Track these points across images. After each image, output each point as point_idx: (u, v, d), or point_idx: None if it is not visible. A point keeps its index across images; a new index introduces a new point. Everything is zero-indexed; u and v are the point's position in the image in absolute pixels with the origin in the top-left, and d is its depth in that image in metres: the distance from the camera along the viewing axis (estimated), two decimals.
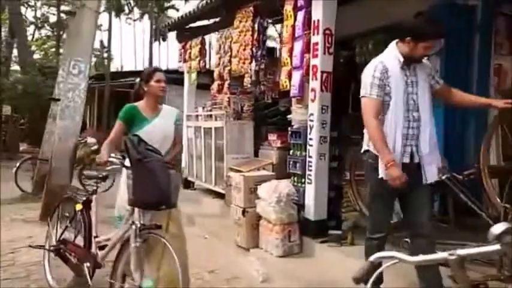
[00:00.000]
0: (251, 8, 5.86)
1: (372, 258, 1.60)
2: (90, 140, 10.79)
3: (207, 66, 7.67)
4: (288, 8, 5.09)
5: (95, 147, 11.04)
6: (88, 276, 3.38)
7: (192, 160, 8.03)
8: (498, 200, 3.43)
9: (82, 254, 3.52)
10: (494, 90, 5.60)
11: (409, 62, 3.02)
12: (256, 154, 6.81)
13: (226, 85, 6.61)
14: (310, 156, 4.80)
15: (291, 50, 5.07)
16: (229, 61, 6.46)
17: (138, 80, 3.63)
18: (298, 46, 4.93)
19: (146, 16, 39.05)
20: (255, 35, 5.84)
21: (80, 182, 9.32)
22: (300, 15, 4.93)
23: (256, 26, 5.83)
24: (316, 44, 4.71)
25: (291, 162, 5.15)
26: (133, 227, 3.01)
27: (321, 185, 4.80)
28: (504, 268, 3.46)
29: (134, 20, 42.58)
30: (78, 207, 3.63)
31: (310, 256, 4.70)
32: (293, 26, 5.04)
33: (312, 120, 4.77)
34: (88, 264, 3.39)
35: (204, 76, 19.31)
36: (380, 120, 2.96)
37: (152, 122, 3.46)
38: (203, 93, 19.86)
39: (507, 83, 5.70)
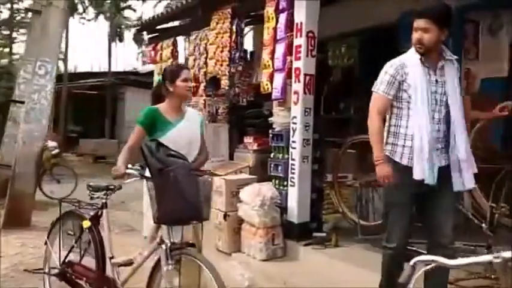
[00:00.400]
0: (229, 10, 5.79)
1: (412, 262, 1.60)
2: (51, 143, 10.35)
3: None
4: (270, 10, 5.07)
5: (56, 151, 10.65)
6: None
7: None
8: (484, 199, 3.53)
9: (95, 277, 3.11)
10: (464, 93, 5.80)
11: (429, 58, 2.88)
12: (231, 157, 6.74)
13: (201, 87, 6.50)
14: (293, 159, 4.80)
15: (272, 53, 5.04)
16: (205, 63, 6.37)
17: (157, 78, 3.37)
18: (281, 48, 4.92)
19: (101, 16, 38.12)
20: (233, 37, 5.77)
21: (39, 187, 8.94)
22: (282, 17, 4.92)
23: (234, 27, 5.76)
24: (299, 46, 4.71)
25: (272, 165, 5.12)
26: (163, 246, 2.65)
27: (304, 188, 4.80)
28: (492, 267, 3.59)
29: (88, 20, 41.47)
30: (86, 224, 3.16)
31: (295, 259, 4.69)
32: (275, 28, 5.02)
33: (295, 123, 4.77)
34: None
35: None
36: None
37: (177, 126, 3.13)
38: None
39: (475, 87, 5.92)
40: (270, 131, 5.19)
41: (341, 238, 4.73)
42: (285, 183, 4.92)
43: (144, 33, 8.76)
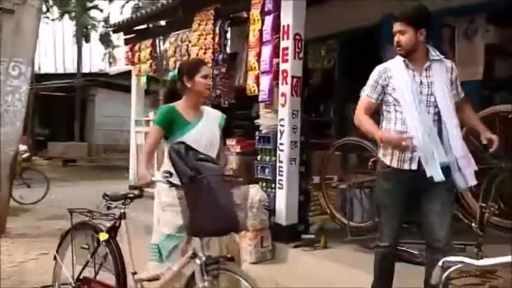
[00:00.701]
0: (211, 11, 5.76)
1: (440, 262, 1.61)
2: (22, 147, 10.02)
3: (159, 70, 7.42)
4: (255, 12, 5.06)
5: (26, 154, 10.34)
6: None
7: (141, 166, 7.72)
8: (473, 199, 3.62)
9: None
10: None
11: (414, 59, 2.86)
12: None
13: None
14: (280, 161, 4.80)
15: (258, 55, 5.04)
16: None
17: (172, 73, 3.13)
18: (267, 51, 4.92)
19: (66, 16, 37.21)
20: (216, 39, 5.74)
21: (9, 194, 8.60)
22: (269, 19, 4.93)
23: (217, 29, 5.73)
24: (286, 48, 4.73)
25: (259, 168, 5.11)
26: (197, 261, 2.41)
27: (292, 190, 4.81)
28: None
29: (53, 20, 40.39)
30: (103, 236, 2.86)
31: (284, 261, 4.69)
32: (260, 31, 5.01)
33: (282, 125, 4.78)
34: None
35: (125, 79, 18.83)
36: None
37: (196, 126, 2.91)
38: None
39: None
40: (257, 133, 5.18)
41: (329, 239, 4.75)
42: (273, 185, 4.92)
43: (112, 33, 8.57)
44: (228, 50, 7.76)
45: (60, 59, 48.71)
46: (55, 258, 3.23)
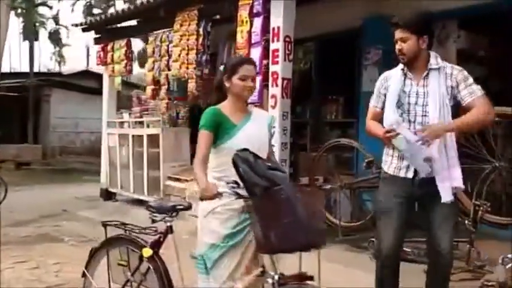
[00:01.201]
0: (195, 12, 5.70)
1: (500, 259, 1.68)
2: None
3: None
4: (244, 13, 5.06)
5: None
6: None
7: (114, 169, 7.52)
8: (466, 197, 3.78)
9: None
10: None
11: (414, 67, 2.82)
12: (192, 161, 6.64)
13: (163, 90, 6.32)
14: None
15: (247, 56, 5.03)
16: (167, 65, 6.20)
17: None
18: (257, 52, 4.93)
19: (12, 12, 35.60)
20: (200, 40, 5.69)
21: None
22: (258, 21, 4.94)
23: (201, 30, 5.68)
24: (277, 50, 4.76)
25: None
26: (269, 280, 2.26)
27: None
28: (472, 260, 3.87)
29: None
30: (147, 252, 2.63)
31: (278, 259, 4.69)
32: (249, 32, 5.02)
33: (273, 127, 4.78)
34: None
35: (86, 79, 18.17)
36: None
37: (243, 129, 2.65)
38: (92, 98, 18.64)
39: None
40: None
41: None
42: None
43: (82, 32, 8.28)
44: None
45: (5, 58, 46.38)
46: (84, 275, 2.97)
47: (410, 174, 2.79)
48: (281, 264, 2.34)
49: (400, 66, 2.88)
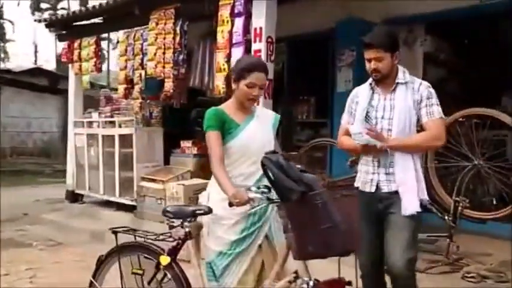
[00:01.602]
0: (172, 10, 5.64)
1: None
2: None
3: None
4: (225, 13, 5.05)
5: None
6: None
7: (82, 171, 7.30)
8: (444, 193, 3.98)
9: None
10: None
11: (383, 83, 2.82)
12: (166, 162, 6.56)
13: (137, 89, 6.20)
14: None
15: (228, 56, 5.04)
16: (141, 64, 6.10)
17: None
18: (239, 52, 4.94)
19: None
20: (177, 39, 5.63)
21: None
22: (239, 21, 4.95)
23: (178, 29, 5.63)
24: (259, 51, 4.80)
25: None
26: (304, 286, 2.21)
27: None
28: (451, 254, 4.07)
29: None
30: (165, 260, 2.52)
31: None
32: (230, 32, 5.02)
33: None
34: None
35: (37, 77, 17.48)
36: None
37: (246, 128, 2.61)
38: (44, 96, 17.87)
39: None
40: None
41: None
42: None
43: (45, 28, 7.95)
44: None
45: None
46: (91, 285, 2.84)
47: (373, 189, 2.76)
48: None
49: (369, 81, 2.88)
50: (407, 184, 2.68)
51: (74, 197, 7.45)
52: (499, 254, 4.18)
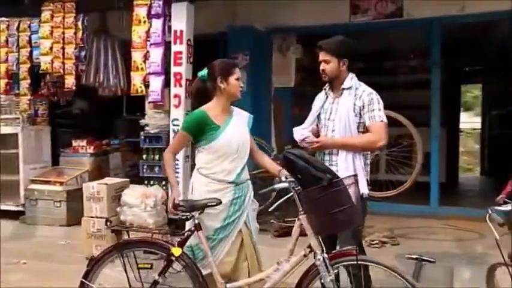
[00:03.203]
0: (73, 3, 5.38)
1: None
2: None
3: None
4: (141, 13, 5.08)
5: None
6: None
7: None
8: None
9: None
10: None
11: (334, 86, 3.15)
12: (55, 162, 6.18)
13: (26, 85, 5.69)
14: (176, 159, 5.04)
15: (145, 56, 5.12)
16: (29, 58, 5.63)
17: (201, 73, 2.91)
18: (158, 53, 5.06)
19: None
20: (79, 34, 5.41)
21: None
22: (158, 23, 5.06)
23: (79, 23, 5.40)
24: (180, 53, 5.02)
25: (146, 166, 5.23)
26: (320, 257, 2.54)
27: (187, 185, 5.12)
28: None
29: None
30: (177, 251, 2.69)
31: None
32: (147, 32, 5.10)
33: (176, 125, 5.02)
34: None
35: None
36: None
37: (226, 130, 2.89)
38: None
39: (271, 94, 7.40)
40: (142, 133, 5.24)
41: None
42: (163, 182, 5.12)
43: None
44: None
45: None
46: (82, 285, 2.83)
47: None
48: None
49: (325, 86, 3.23)
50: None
51: None
52: (379, 226, 5.28)
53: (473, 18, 6.14)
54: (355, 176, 2.72)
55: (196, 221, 2.74)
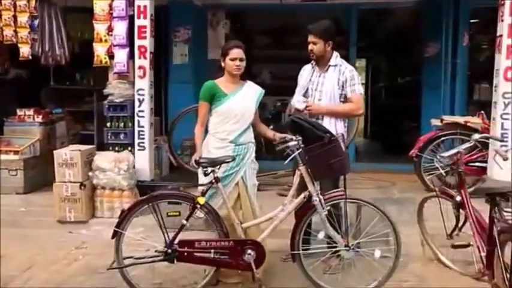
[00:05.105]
0: None
1: None
2: None
3: None
4: None
5: None
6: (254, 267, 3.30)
7: None
8: None
9: (230, 247, 3.30)
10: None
11: (320, 63, 3.83)
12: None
13: None
14: (141, 126, 5.40)
15: (109, 28, 5.33)
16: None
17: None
18: (123, 26, 5.30)
19: None
20: (33, 2, 5.38)
21: None
22: None
23: None
24: (144, 27, 5.31)
25: (110, 134, 5.52)
26: (316, 198, 3.26)
27: (151, 151, 5.56)
28: None
29: None
30: (201, 200, 3.28)
31: None
32: (110, 5, 5.31)
33: (142, 95, 5.37)
34: (252, 252, 3.30)
35: None
36: None
37: (231, 98, 3.51)
38: None
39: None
40: (106, 102, 5.49)
41: None
42: (129, 148, 5.47)
43: None
44: None
45: None
46: (115, 234, 3.31)
47: None
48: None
49: (312, 62, 3.90)
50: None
51: None
52: None
53: (385, 6, 7.35)
54: (343, 135, 3.60)
55: (216, 175, 3.32)
